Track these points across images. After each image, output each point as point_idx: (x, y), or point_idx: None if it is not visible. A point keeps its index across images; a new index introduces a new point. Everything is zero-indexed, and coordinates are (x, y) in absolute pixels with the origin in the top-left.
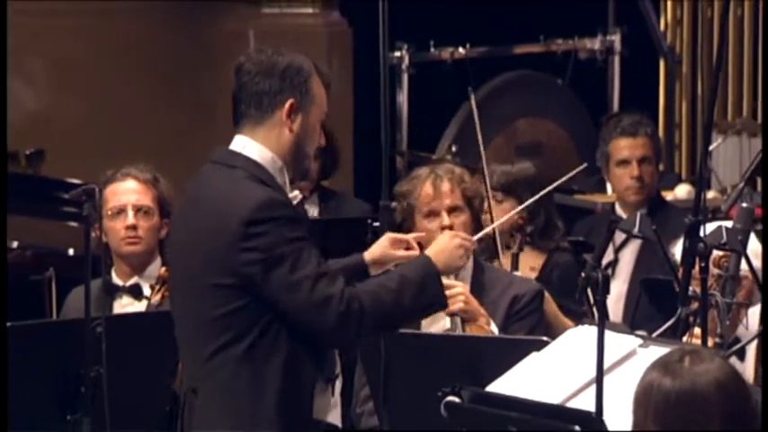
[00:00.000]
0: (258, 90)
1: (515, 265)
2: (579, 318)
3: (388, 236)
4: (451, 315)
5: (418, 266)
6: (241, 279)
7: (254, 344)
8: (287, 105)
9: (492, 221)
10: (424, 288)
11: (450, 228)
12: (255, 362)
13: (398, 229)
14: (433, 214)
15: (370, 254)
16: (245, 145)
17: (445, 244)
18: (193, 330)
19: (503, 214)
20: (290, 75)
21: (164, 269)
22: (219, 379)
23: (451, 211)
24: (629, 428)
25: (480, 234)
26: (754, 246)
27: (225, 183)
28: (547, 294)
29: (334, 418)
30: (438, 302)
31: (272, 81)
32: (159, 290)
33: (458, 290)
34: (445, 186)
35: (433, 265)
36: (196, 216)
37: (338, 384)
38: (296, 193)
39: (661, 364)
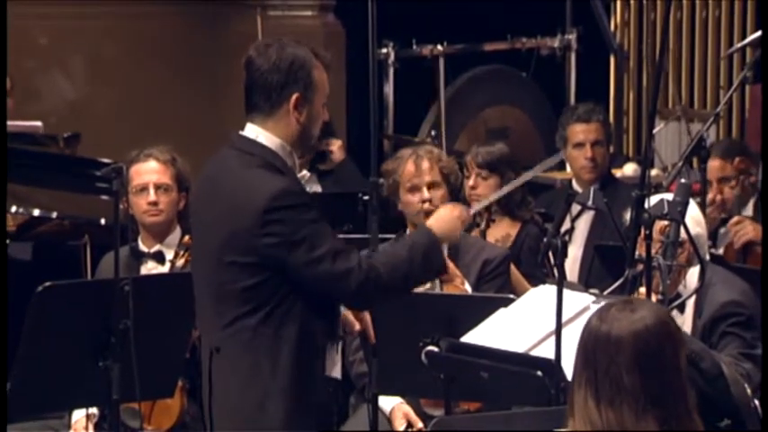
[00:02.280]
0: (266, 84)
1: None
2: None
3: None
4: None
5: (423, 237)
6: (265, 258)
7: (272, 312)
8: (293, 99)
9: (467, 196)
10: (429, 257)
11: (429, 201)
12: (273, 326)
13: (386, 201)
14: (414, 189)
15: None
16: (258, 134)
17: (446, 215)
18: (213, 300)
19: (488, 189)
20: (295, 69)
21: (187, 237)
22: (240, 341)
23: (431, 186)
24: None
25: (477, 207)
26: (694, 213)
27: (243, 170)
28: (512, 266)
29: (337, 373)
30: (441, 269)
31: (278, 76)
32: (183, 255)
33: None
34: (425, 165)
35: (435, 235)
36: (216, 198)
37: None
38: (304, 172)
39: (600, 309)
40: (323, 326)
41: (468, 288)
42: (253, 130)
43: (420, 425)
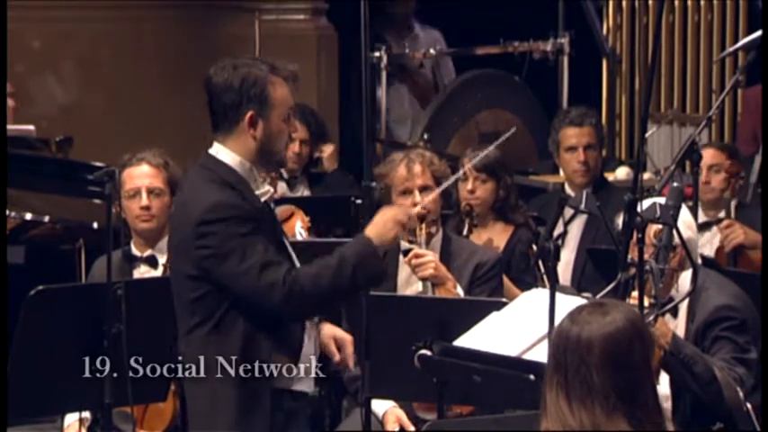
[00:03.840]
0: (222, 104)
1: None
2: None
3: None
4: (424, 280)
5: (355, 245)
6: (200, 271)
7: (218, 324)
8: (247, 118)
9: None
10: (362, 264)
11: None
12: (219, 338)
13: (377, 204)
14: (406, 192)
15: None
16: (219, 151)
17: (379, 219)
18: (178, 309)
19: (486, 193)
20: (247, 88)
21: None
22: (194, 350)
23: (422, 189)
24: None
25: (418, 207)
26: (687, 217)
27: (194, 184)
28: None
29: (304, 386)
30: (379, 274)
31: (231, 96)
32: None
33: (429, 258)
34: (417, 168)
35: (369, 240)
36: (174, 212)
37: (312, 361)
38: (267, 188)
39: (570, 312)
40: (268, 338)
41: (460, 292)
42: (215, 147)
43: (412, 429)
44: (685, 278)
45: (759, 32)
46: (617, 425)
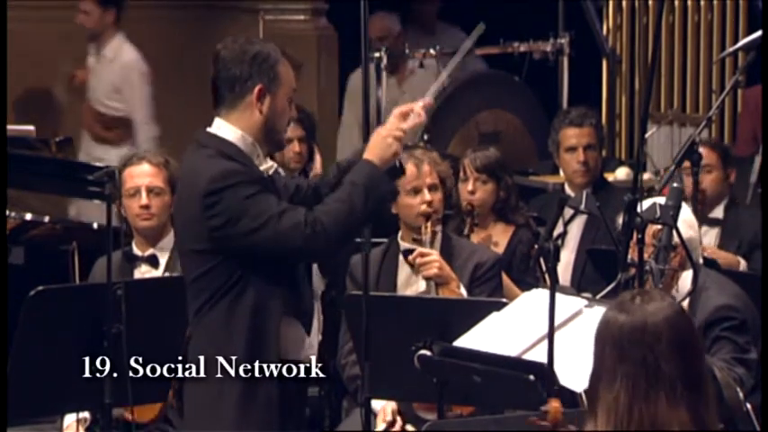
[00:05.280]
0: (231, 76)
1: None
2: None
3: (395, 112)
4: (428, 279)
5: (360, 170)
6: (214, 243)
7: (223, 297)
8: (256, 90)
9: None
10: (372, 186)
11: (431, 203)
12: (225, 313)
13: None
14: (416, 191)
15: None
16: (220, 126)
17: (375, 140)
18: (188, 291)
19: (486, 194)
20: (259, 61)
21: None
22: (201, 327)
23: (431, 188)
24: (578, 377)
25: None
26: (687, 217)
27: (194, 161)
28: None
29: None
30: (389, 192)
31: (242, 68)
32: (177, 258)
33: (433, 257)
34: (425, 167)
35: (371, 163)
36: (177, 192)
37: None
38: (270, 163)
39: (616, 304)
40: (279, 306)
41: (463, 292)
42: (216, 123)
43: (399, 421)
44: (686, 278)
45: (759, 32)
46: (680, 416)
